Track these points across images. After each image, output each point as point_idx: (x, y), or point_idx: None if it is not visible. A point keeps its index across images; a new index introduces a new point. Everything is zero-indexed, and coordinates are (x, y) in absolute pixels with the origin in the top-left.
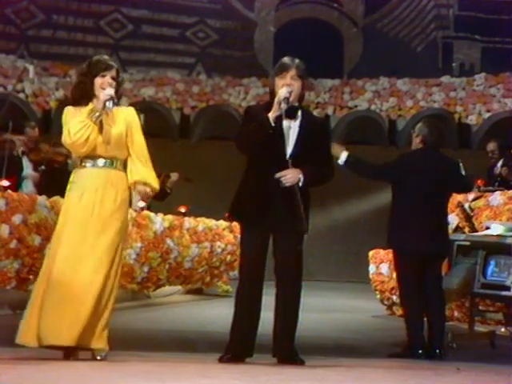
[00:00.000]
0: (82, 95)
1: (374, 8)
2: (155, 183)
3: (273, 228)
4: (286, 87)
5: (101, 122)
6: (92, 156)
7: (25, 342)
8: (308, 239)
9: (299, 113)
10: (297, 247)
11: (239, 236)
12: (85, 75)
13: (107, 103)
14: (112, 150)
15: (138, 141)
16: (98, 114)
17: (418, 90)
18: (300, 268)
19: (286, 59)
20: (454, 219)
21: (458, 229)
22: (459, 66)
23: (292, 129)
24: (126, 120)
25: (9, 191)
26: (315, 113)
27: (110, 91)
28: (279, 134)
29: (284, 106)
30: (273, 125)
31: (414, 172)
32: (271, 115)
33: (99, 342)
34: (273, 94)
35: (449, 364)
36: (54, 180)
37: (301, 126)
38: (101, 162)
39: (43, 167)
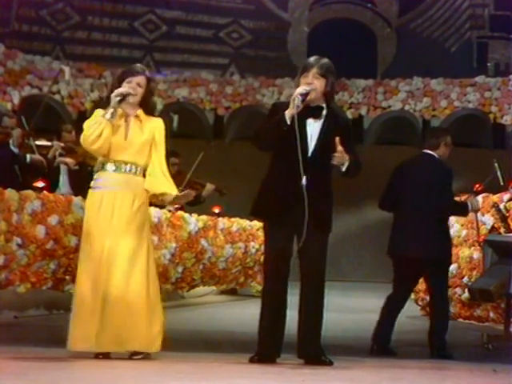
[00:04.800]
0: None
1: (408, 8)
2: (175, 190)
3: (297, 227)
4: (303, 85)
5: (127, 127)
6: (115, 160)
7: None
8: (342, 240)
9: (324, 112)
10: (321, 246)
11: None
12: (116, 82)
13: (116, 99)
14: (134, 155)
15: (161, 152)
16: (110, 110)
17: (452, 90)
18: (323, 267)
19: (310, 58)
20: (489, 220)
21: (493, 229)
22: (494, 66)
23: (315, 128)
24: (153, 130)
25: (45, 192)
26: (348, 113)
27: (121, 89)
28: (302, 133)
29: (298, 101)
30: (288, 122)
31: (404, 178)
32: (287, 113)
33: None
34: None
35: (485, 365)
36: (83, 179)
37: (323, 126)
38: (123, 167)
39: (76, 167)
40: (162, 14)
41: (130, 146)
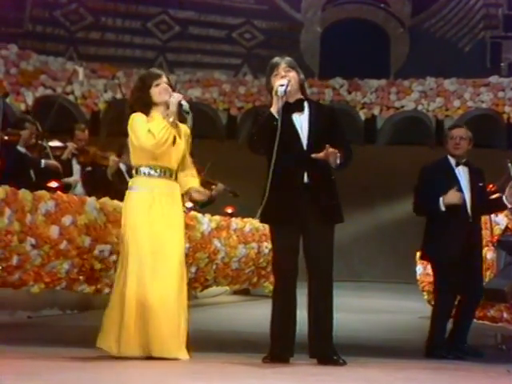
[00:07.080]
0: (143, 107)
1: (421, 8)
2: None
3: (302, 224)
4: (280, 79)
5: (175, 135)
6: (159, 166)
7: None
8: (354, 240)
9: (305, 104)
10: (327, 242)
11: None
12: (140, 90)
13: (183, 103)
14: (176, 161)
15: (188, 157)
16: (172, 116)
17: (465, 90)
18: (331, 263)
19: (274, 59)
20: (502, 220)
21: (506, 230)
22: (508, 66)
23: (303, 122)
24: (186, 137)
25: (58, 192)
26: (361, 113)
27: (178, 95)
28: (291, 129)
29: (281, 92)
30: (276, 117)
31: None
32: (273, 108)
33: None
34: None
35: (498, 366)
36: (99, 180)
37: (310, 117)
38: (166, 172)
39: (89, 168)
40: (174, 14)
41: (176, 151)
